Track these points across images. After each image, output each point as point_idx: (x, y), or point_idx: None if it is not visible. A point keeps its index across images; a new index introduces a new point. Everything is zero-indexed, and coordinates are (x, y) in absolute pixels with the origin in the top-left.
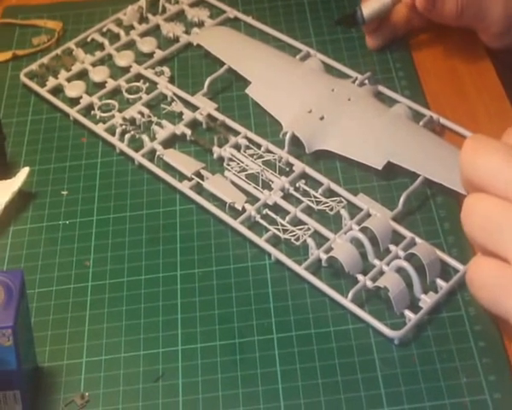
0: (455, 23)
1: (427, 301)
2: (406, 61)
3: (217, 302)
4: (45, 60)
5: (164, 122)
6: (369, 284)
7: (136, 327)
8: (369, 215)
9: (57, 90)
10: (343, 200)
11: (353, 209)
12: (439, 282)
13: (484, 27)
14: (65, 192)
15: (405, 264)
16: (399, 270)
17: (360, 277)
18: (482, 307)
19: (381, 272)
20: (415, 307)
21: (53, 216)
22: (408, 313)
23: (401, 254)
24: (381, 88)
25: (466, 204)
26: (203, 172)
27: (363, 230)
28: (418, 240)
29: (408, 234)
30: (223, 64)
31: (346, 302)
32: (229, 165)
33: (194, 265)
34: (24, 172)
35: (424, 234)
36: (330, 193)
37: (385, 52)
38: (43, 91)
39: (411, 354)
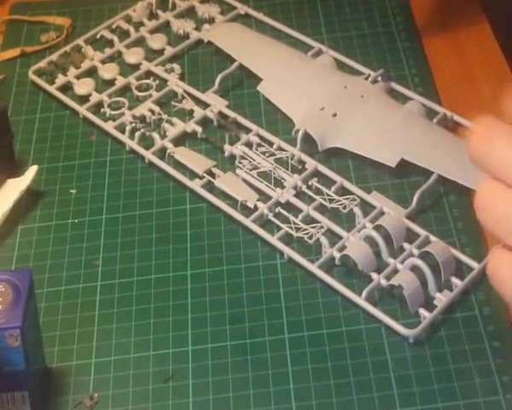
0: None
1: (442, 299)
2: (419, 58)
3: (227, 302)
4: (54, 57)
5: (174, 120)
6: (384, 282)
7: (145, 327)
8: (382, 213)
9: (66, 88)
10: (356, 198)
11: (366, 207)
12: (454, 280)
13: None
14: (73, 191)
15: (420, 262)
16: (414, 268)
17: (374, 275)
18: (504, 302)
19: (396, 271)
20: (429, 305)
21: (61, 215)
22: (423, 311)
23: (415, 252)
24: (394, 85)
25: (481, 194)
26: (214, 170)
27: (377, 228)
28: (432, 238)
29: (422, 232)
30: (234, 61)
31: (360, 301)
32: (240, 163)
33: (204, 264)
34: (32, 171)
35: (437, 233)
36: (343, 191)
37: (397, 49)
38: (51, 89)
39: (424, 354)
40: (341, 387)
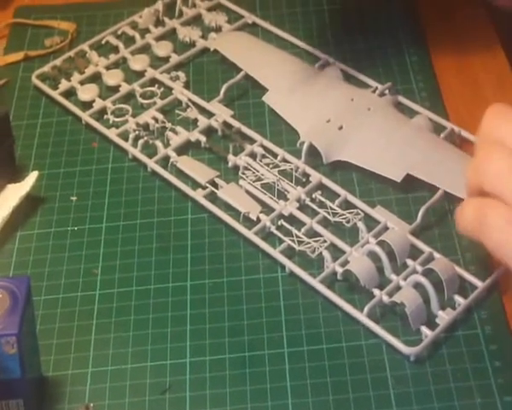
0: None
1: (444, 317)
2: (427, 72)
3: (227, 314)
4: (58, 62)
5: (178, 128)
6: (386, 298)
7: (143, 338)
8: (386, 228)
9: (69, 93)
10: (360, 212)
11: (370, 222)
12: (457, 298)
13: None
14: (74, 198)
15: (423, 279)
16: (417, 285)
17: (376, 291)
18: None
19: (398, 287)
20: (431, 323)
21: (61, 222)
22: (424, 329)
23: (419, 268)
24: (402, 98)
25: (483, 152)
26: (217, 180)
27: (381, 243)
28: (436, 255)
29: (426, 249)
30: (239, 70)
31: (362, 317)
32: (244, 174)
33: (204, 275)
34: (33, 177)
35: (442, 249)
36: (347, 205)
37: (405, 62)
38: (55, 94)
39: (425, 372)
40: (340, 403)
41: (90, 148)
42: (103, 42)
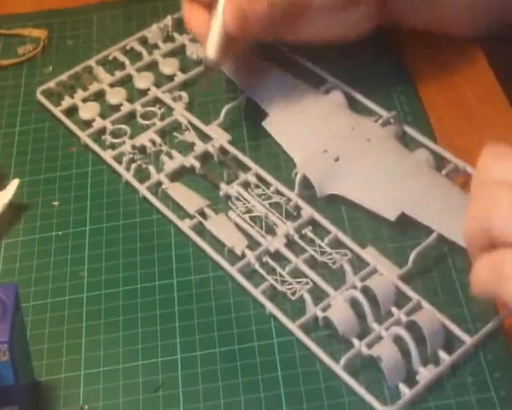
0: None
1: (425, 375)
2: (412, 97)
3: (215, 309)
4: (64, 77)
5: (174, 153)
6: (365, 350)
7: (133, 337)
8: (375, 271)
9: (71, 111)
10: (348, 253)
11: (360, 262)
12: (442, 354)
13: None
14: (56, 203)
15: (404, 333)
16: (398, 337)
17: (356, 341)
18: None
19: (380, 337)
20: (412, 379)
21: (45, 227)
22: (403, 387)
23: (403, 318)
24: (406, 129)
25: (485, 196)
26: (207, 210)
27: (366, 289)
28: (424, 304)
29: (414, 296)
30: (243, 92)
31: (338, 369)
32: (234, 204)
33: (190, 272)
34: (14, 184)
35: (431, 297)
36: (337, 243)
37: (389, 89)
38: (57, 111)
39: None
40: (332, 390)
41: (68, 152)
42: (111, 58)
